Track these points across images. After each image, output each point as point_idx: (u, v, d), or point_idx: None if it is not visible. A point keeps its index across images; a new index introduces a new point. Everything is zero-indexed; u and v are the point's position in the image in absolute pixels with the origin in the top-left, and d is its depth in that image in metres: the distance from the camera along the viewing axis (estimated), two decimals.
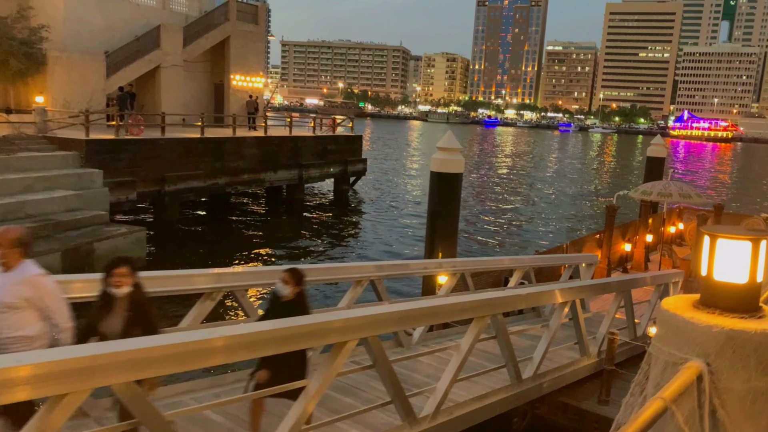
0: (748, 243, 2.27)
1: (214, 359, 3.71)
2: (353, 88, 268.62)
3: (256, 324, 4.24)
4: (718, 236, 2.35)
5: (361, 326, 4.64)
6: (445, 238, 11.38)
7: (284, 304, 5.08)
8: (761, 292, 2.37)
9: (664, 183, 14.96)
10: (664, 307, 2.42)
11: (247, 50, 31.59)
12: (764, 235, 2.30)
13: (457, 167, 11.45)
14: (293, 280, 5.13)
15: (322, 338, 4.49)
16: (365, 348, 4.95)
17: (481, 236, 26.02)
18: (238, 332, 3.83)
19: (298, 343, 4.27)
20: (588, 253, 15.13)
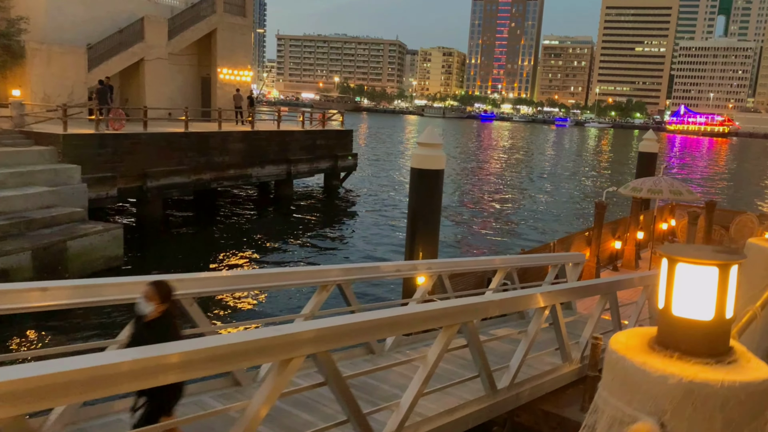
0: (714, 269, 1.71)
1: None
2: (349, 82, 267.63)
3: (160, 347, 3.66)
4: (678, 260, 1.77)
5: (307, 341, 4.20)
6: (426, 238, 10.95)
7: (147, 325, 4.31)
8: (732, 328, 1.87)
9: (655, 180, 14.55)
10: (612, 347, 1.88)
11: (235, 43, 31.02)
12: (735, 258, 1.75)
13: (439, 163, 11.00)
14: (158, 296, 4.32)
15: (263, 356, 4.04)
16: (315, 364, 4.52)
17: (467, 234, 25.43)
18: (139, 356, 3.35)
19: (231, 364, 3.82)
20: (576, 251, 14.73)
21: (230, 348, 3.64)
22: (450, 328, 5.68)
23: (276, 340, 3.99)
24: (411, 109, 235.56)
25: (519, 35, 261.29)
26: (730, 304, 1.74)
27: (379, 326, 4.87)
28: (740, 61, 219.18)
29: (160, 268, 17.21)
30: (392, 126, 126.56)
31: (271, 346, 3.96)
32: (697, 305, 1.73)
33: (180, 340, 3.99)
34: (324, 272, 6.85)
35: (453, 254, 20.04)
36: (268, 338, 3.89)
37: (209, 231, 22.71)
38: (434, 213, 11.05)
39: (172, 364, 3.38)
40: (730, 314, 1.75)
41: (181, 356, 3.47)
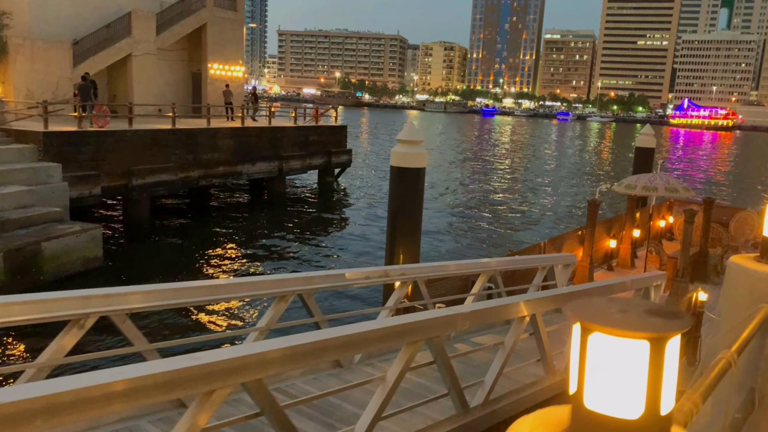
0: (643, 344, 1.10)
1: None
2: (350, 77, 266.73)
3: None
4: (592, 329, 1.13)
5: (233, 370, 3.70)
6: (407, 240, 10.43)
7: None
8: (671, 424, 1.16)
9: (650, 176, 14.02)
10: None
11: (226, 38, 30.45)
12: (675, 327, 1.11)
13: (420, 161, 10.48)
14: None
15: (175, 390, 3.54)
16: (248, 393, 4.02)
17: (456, 233, 24.63)
18: None
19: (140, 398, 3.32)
20: (568, 252, 14.22)
21: (127, 384, 3.14)
22: (412, 345, 5.18)
23: (192, 371, 3.49)
24: (412, 104, 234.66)
25: (520, 29, 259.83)
26: (669, 392, 1.14)
27: (325, 348, 4.37)
28: (743, 54, 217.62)
29: (141, 271, 16.75)
30: (393, 121, 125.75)
31: (185, 378, 3.46)
32: (618, 396, 1.12)
33: None
34: (282, 282, 6.34)
35: (438, 255, 19.34)
36: (178, 370, 3.39)
37: (197, 231, 22.23)
38: (415, 214, 10.53)
39: None
40: (667, 407, 1.14)
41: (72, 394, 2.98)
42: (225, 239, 21.20)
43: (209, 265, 17.87)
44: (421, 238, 10.99)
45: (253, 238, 21.68)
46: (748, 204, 26.31)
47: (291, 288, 6.26)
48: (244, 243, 20.83)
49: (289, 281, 6.31)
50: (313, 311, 6.61)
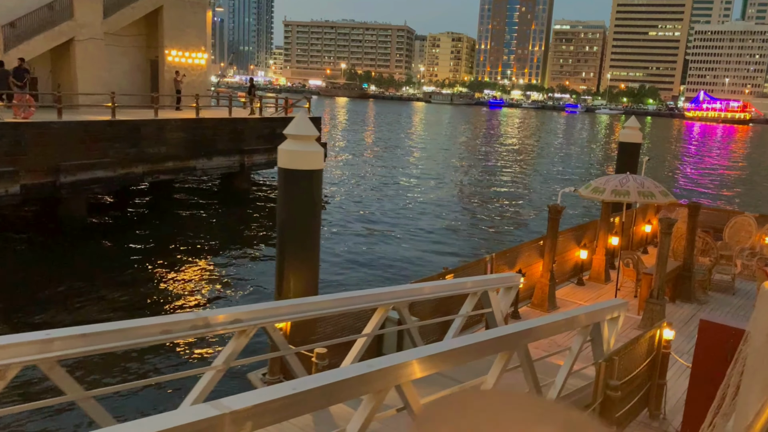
0: None
1: None
2: (357, 68, 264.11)
3: None
4: None
5: None
6: (300, 262, 8.28)
7: None
8: None
9: (621, 178, 11.76)
10: None
11: (185, 22, 28.27)
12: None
13: (313, 161, 8.33)
14: None
15: None
16: None
17: (394, 244, 20.42)
18: None
19: None
20: (524, 266, 12.02)
21: None
22: None
23: None
24: (418, 95, 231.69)
25: (530, 20, 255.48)
26: None
27: None
28: (758, 45, 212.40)
29: (59, 284, 14.72)
30: (396, 113, 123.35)
31: None
32: None
33: None
34: (239, 315, 4.30)
35: (359, 275, 16.52)
36: None
37: (141, 234, 20.17)
38: (310, 228, 8.37)
39: None
40: None
41: None
42: (172, 244, 19.12)
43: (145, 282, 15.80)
44: (319, 260, 8.82)
45: (203, 246, 19.57)
46: (750, 207, 23.85)
47: None
48: (192, 253, 18.71)
49: None
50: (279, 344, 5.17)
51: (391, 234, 21.85)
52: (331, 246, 19.69)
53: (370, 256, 18.57)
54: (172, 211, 23.70)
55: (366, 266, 17.41)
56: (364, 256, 18.56)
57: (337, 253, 18.84)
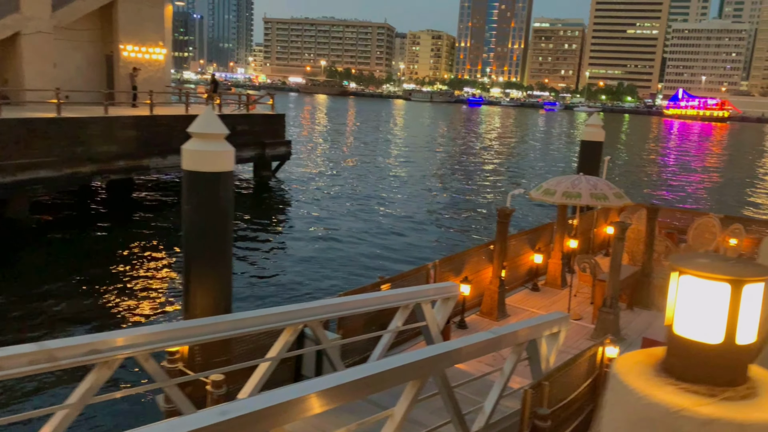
0: (725, 286, 1.33)
1: None
2: (337, 66, 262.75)
3: None
4: (684, 271, 1.42)
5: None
6: (208, 277, 7.47)
7: None
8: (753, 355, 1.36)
9: (573, 180, 11.14)
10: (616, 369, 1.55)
11: (142, 16, 27.19)
12: (755, 274, 1.31)
13: (223, 163, 7.56)
14: None
15: None
16: None
17: (340, 253, 18.90)
18: None
19: None
20: (471, 273, 11.34)
21: None
22: None
23: None
24: (399, 93, 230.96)
25: (509, 18, 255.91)
26: (747, 327, 1.36)
27: None
28: (734, 44, 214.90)
29: None
30: (375, 111, 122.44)
31: None
32: (704, 325, 1.38)
33: None
34: None
35: (295, 287, 15.54)
36: None
37: (90, 238, 19.15)
38: (220, 238, 7.57)
39: None
40: (747, 339, 1.36)
41: None
42: (122, 248, 18.12)
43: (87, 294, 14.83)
44: (232, 274, 8.01)
45: (157, 250, 18.61)
46: (716, 208, 23.45)
47: None
48: (144, 258, 17.75)
49: None
50: None
51: (340, 239, 20.69)
52: (272, 254, 18.78)
53: (311, 265, 17.53)
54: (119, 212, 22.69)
55: (303, 276, 16.39)
56: (305, 265, 17.51)
57: (279, 263, 17.85)
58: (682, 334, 1.39)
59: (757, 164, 58.71)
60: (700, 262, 1.39)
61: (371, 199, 27.99)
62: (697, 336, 1.37)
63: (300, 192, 28.80)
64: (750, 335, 1.35)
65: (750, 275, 1.31)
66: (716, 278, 1.33)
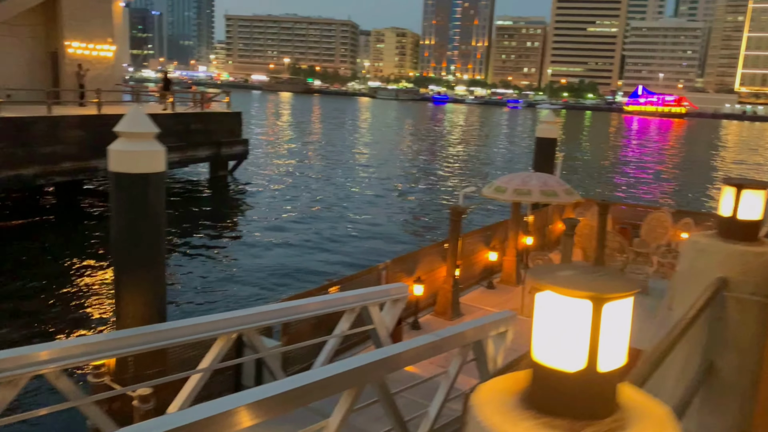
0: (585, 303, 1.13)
1: None
2: (301, 63, 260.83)
3: None
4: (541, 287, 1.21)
5: None
6: (140, 284, 7.07)
7: None
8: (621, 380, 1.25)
9: (524, 177, 11.03)
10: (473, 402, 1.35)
11: (88, 11, 26.24)
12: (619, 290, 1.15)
13: (153, 163, 7.14)
14: None
15: None
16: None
17: (290, 256, 18.15)
18: None
19: None
20: (424, 273, 11.14)
21: None
22: None
23: None
24: (364, 90, 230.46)
25: (473, 15, 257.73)
26: (611, 351, 1.16)
27: None
28: (689, 42, 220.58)
29: None
30: (341, 110, 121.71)
31: None
32: (564, 350, 1.17)
33: None
34: None
35: (239, 292, 14.99)
36: None
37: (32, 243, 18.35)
38: (151, 243, 7.17)
39: None
40: (611, 365, 1.17)
41: None
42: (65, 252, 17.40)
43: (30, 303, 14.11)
44: (165, 280, 7.60)
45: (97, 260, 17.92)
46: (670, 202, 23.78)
47: None
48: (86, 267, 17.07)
49: None
50: None
51: (294, 242, 20.12)
52: (224, 257, 18.25)
53: (263, 268, 16.95)
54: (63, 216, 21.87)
55: (252, 281, 15.84)
56: (257, 269, 16.94)
57: (230, 267, 17.25)
58: (541, 361, 1.19)
59: (710, 159, 60.23)
60: (560, 276, 1.18)
61: (330, 200, 27.61)
62: (556, 362, 1.18)
63: (257, 192, 28.27)
64: (614, 360, 1.19)
65: (611, 291, 1.11)
66: (576, 294, 1.12)
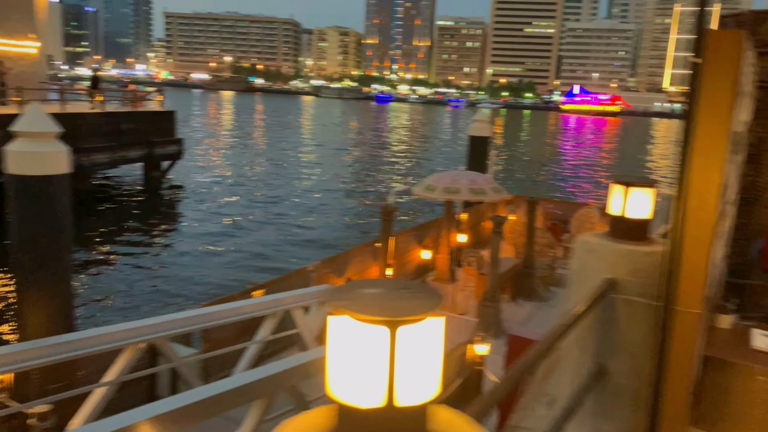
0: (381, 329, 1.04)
1: None
2: (242, 62, 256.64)
3: None
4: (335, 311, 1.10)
5: None
6: (44, 293, 6.67)
7: None
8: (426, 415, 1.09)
9: (454, 175, 11.08)
10: None
11: (6, 5, 24.86)
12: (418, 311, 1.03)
13: (55, 165, 6.76)
14: None
15: None
16: None
17: (218, 258, 17.79)
18: None
19: None
20: (356, 274, 11.04)
21: None
22: None
23: None
24: (307, 89, 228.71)
25: (414, 15, 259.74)
26: (410, 384, 1.01)
27: None
28: (621, 42, 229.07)
29: None
30: (283, 107, 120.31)
31: None
32: (360, 384, 1.01)
33: None
34: None
35: (161, 298, 14.54)
36: None
37: None
38: (55, 249, 6.77)
39: None
40: (410, 399, 1.02)
41: None
42: None
43: None
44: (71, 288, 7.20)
45: None
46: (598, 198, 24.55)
47: None
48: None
49: None
50: None
51: (226, 244, 19.64)
52: (149, 262, 17.65)
53: (189, 273, 16.44)
54: None
55: (175, 287, 15.28)
56: (183, 274, 16.43)
57: (154, 272, 16.67)
58: (338, 397, 1.04)
59: (639, 154, 62.67)
60: (357, 298, 1.04)
61: (266, 202, 27.14)
62: (352, 399, 1.04)
63: (192, 194, 27.53)
64: (420, 393, 1.05)
65: (406, 313, 0.97)
66: (369, 319, 0.98)
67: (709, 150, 2.26)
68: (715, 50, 2.12)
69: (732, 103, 2.14)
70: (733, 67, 2.13)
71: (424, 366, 1.08)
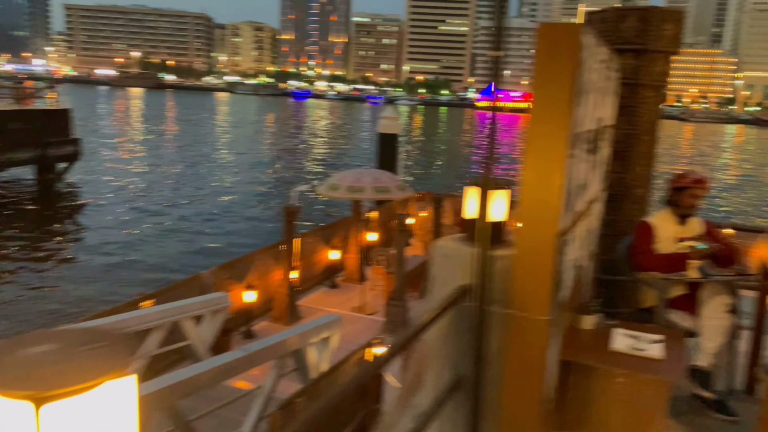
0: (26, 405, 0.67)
1: None
2: (152, 57, 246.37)
3: None
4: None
5: None
6: None
7: None
8: None
9: (357, 174, 10.92)
10: None
11: None
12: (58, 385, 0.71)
13: None
14: None
15: None
16: None
17: (110, 268, 16.69)
18: None
19: None
20: (257, 278, 10.65)
21: None
22: None
23: None
24: (221, 85, 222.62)
25: (330, 11, 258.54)
26: None
27: None
28: (531, 41, 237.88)
29: None
30: (196, 104, 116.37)
31: None
32: None
33: None
34: None
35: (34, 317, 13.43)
36: None
37: None
38: None
39: None
40: None
41: None
42: None
43: None
44: None
45: None
46: None
47: None
48: None
49: None
50: None
51: (119, 251, 18.42)
52: (26, 274, 16.23)
53: (77, 283, 15.34)
54: None
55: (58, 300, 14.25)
56: (69, 284, 15.28)
57: (31, 285, 15.26)
58: None
59: None
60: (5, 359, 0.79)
61: (169, 205, 25.83)
62: None
63: (91, 198, 25.96)
64: None
65: (57, 385, 0.71)
66: (11, 395, 0.71)
67: (546, 150, 2.17)
68: (548, 44, 2.04)
69: (569, 99, 2.06)
70: (569, 62, 2.05)
71: None
